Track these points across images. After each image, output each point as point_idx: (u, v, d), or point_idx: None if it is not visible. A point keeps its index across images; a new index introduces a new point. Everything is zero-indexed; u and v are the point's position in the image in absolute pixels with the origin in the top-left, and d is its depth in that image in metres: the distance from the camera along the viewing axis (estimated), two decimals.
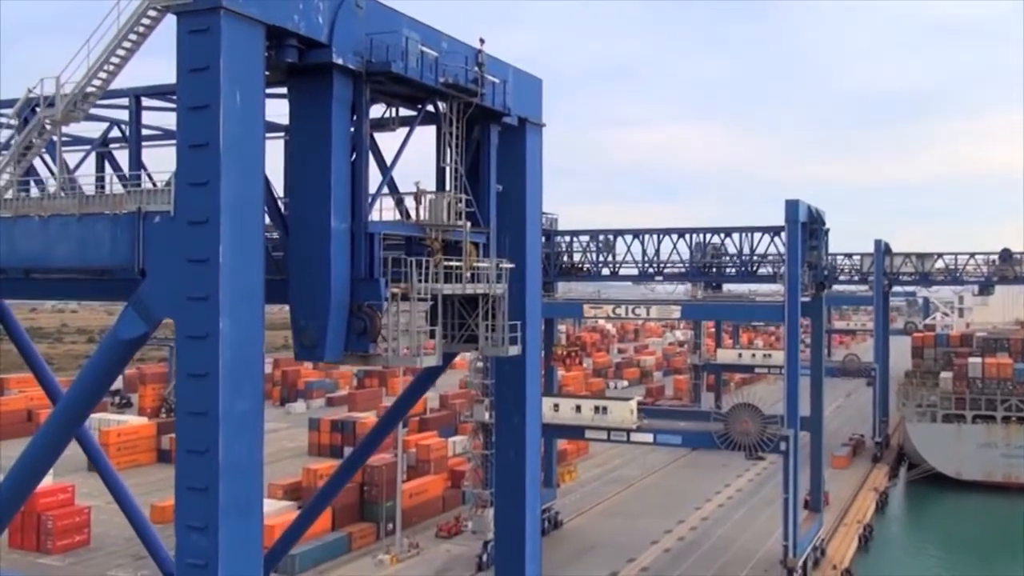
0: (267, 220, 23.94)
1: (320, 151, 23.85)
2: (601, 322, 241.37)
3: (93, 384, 23.26)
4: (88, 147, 31.67)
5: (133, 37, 21.90)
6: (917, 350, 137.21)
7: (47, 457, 25.04)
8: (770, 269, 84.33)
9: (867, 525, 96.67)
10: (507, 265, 29.30)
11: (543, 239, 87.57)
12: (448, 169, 27.97)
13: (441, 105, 27.69)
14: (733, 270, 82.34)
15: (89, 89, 22.45)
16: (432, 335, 26.04)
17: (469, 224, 27.88)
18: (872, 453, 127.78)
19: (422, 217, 27.05)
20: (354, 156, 25.03)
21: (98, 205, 22.90)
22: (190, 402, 20.71)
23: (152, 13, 21.47)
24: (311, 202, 24.03)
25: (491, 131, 30.23)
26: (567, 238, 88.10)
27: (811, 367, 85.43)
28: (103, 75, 22.51)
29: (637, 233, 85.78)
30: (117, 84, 24.14)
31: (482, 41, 28.49)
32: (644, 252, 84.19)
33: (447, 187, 28.06)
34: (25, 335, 36.71)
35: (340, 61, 23.36)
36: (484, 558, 77.33)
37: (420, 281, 25.08)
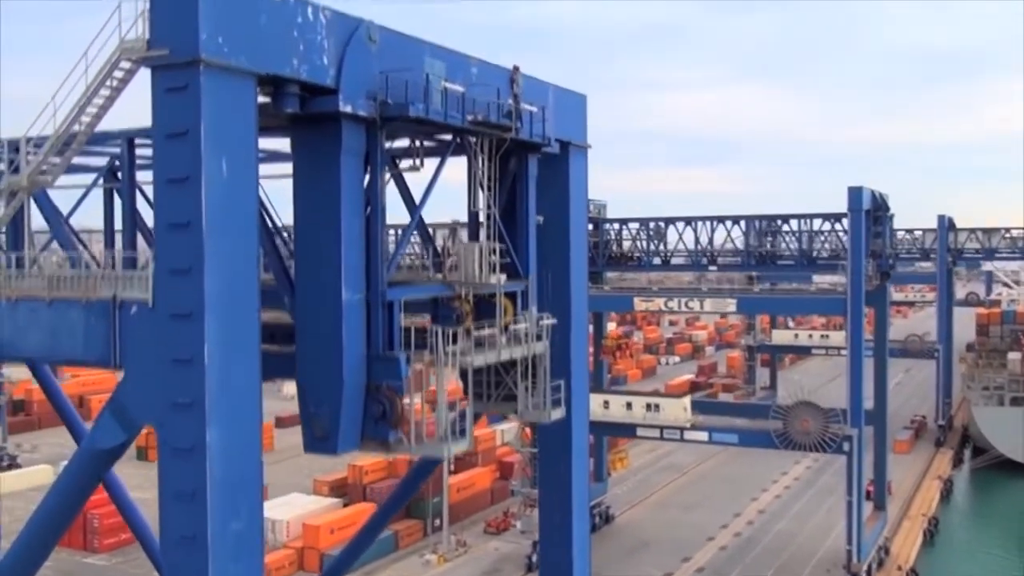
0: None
1: (328, 210, 20.63)
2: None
3: (68, 500, 20.39)
4: (91, 181, 28.70)
5: (105, 92, 18.76)
6: (982, 327, 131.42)
7: None
8: (830, 252, 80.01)
9: (932, 518, 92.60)
10: (548, 321, 25.93)
11: (591, 227, 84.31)
12: (481, 213, 24.62)
13: (472, 140, 24.32)
14: (791, 260, 77.98)
15: (54, 160, 19.35)
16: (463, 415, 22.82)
17: (504, 277, 24.53)
18: (935, 436, 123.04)
19: (450, 274, 23.78)
20: (369, 210, 21.74)
21: (69, 289, 19.87)
22: (175, 525, 17.72)
23: (125, 65, 18.29)
24: (319, 270, 20.85)
25: (529, 162, 26.81)
26: (616, 226, 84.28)
27: (874, 360, 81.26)
28: (76, 132, 19.42)
29: (689, 220, 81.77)
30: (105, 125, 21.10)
31: (516, 69, 24.97)
32: (697, 240, 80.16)
33: (480, 233, 24.74)
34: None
35: (349, 109, 20.06)
36: (533, 558, 74.74)
37: (448, 354, 21.80)
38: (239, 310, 17.77)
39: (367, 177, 21.50)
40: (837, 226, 77.85)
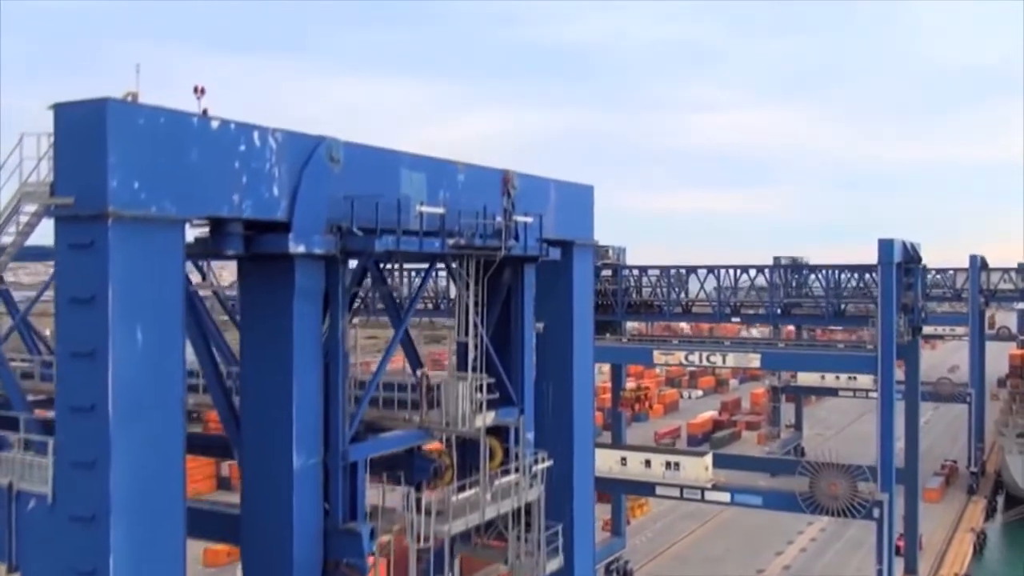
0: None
1: (279, 361, 17.57)
2: (676, 324, 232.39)
3: None
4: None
5: (10, 236, 15.81)
6: (1016, 369, 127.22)
7: None
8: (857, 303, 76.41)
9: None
10: (544, 465, 22.75)
11: (610, 273, 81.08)
12: (469, 342, 21.53)
13: (456, 263, 21.29)
14: (818, 311, 74.39)
15: None
16: None
17: (492, 416, 21.42)
18: (967, 483, 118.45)
19: (429, 415, 20.67)
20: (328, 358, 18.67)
21: None
22: None
23: (29, 208, 15.34)
24: (268, 430, 17.76)
25: (526, 272, 23.74)
26: (635, 272, 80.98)
27: (905, 416, 77.58)
28: None
29: (712, 268, 78.42)
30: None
31: (508, 176, 21.92)
32: (719, 289, 76.70)
33: (468, 361, 21.65)
34: None
35: (302, 248, 17.02)
36: None
37: (419, 523, 18.68)
38: (156, 511, 14.73)
39: (327, 319, 18.43)
40: (867, 277, 74.25)
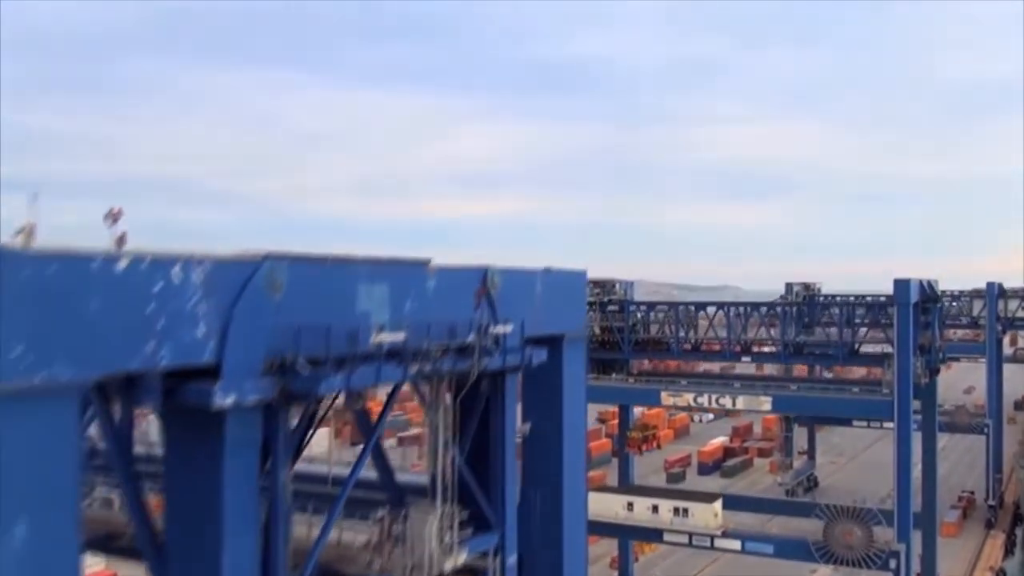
0: None
1: (207, 524, 15.09)
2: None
3: None
4: None
5: None
6: None
7: None
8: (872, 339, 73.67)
9: None
10: None
11: (616, 309, 78.54)
12: (437, 473, 19.10)
13: (425, 387, 18.90)
14: (831, 351, 71.70)
15: None
16: None
17: (465, 555, 18.98)
18: (985, 516, 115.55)
19: (391, 559, 18.22)
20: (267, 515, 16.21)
21: None
22: None
23: None
24: None
25: (507, 381, 21.33)
26: (643, 308, 78.49)
27: (922, 464, 74.88)
28: None
29: (721, 305, 75.92)
30: None
31: (484, 284, 19.54)
32: (729, 327, 74.13)
33: (439, 490, 19.23)
34: None
35: (231, 400, 14.58)
36: None
37: None
38: None
39: (267, 466, 15.99)
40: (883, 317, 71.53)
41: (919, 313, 68.15)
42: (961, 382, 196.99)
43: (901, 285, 64.73)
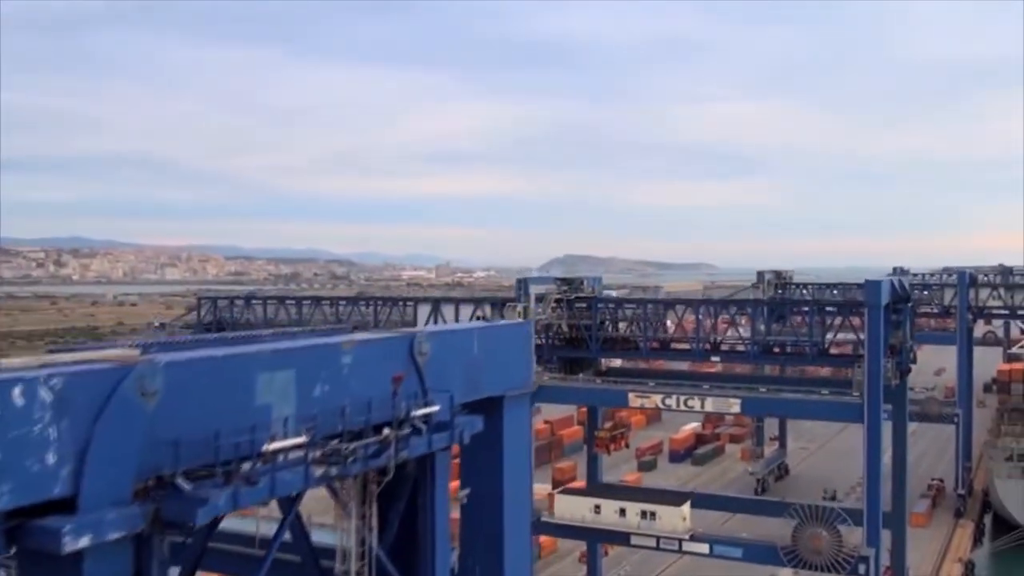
0: None
1: None
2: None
3: None
4: None
5: None
6: (1003, 384, 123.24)
7: None
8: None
9: None
10: None
11: (584, 306, 76.39)
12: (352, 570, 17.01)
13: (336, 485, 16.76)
14: (801, 351, 70.11)
15: None
16: None
17: None
18: (954, 505, 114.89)
19: None
20: None
21: None
22: None
23: None
24: None
25: (436, 461, 19.26)
26: (611, 306, 76.49)
27: (892, 462, 73.65)
28: None
29: (691, 303, 74.12)
30: None
31: (397, 380, 17.31)
32: (699, 326, 72.27)
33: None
34: None
35: (87, 540, 12.40)
36: None
37: None
38: None
39: None
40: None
41: (889, 314, 66.61)
42: (932, 363, 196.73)
43: (872, 286, 63.12)
